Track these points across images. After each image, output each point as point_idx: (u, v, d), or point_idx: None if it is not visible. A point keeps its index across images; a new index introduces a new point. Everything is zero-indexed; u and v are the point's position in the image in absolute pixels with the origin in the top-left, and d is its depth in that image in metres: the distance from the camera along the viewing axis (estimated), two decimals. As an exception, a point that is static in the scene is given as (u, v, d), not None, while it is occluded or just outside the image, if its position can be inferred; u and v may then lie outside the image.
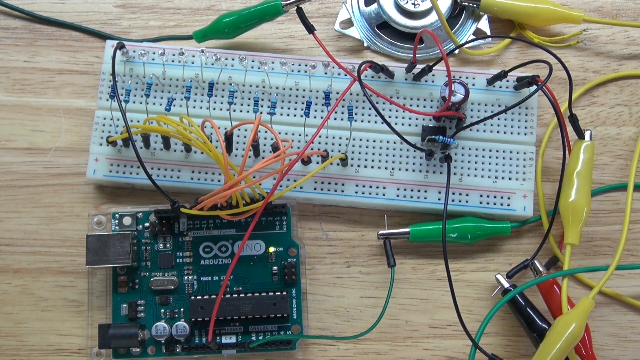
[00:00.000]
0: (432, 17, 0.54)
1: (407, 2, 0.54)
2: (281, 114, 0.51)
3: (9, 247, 0.51)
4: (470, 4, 0.54)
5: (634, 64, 0.55)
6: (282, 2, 0.50)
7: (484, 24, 0.55)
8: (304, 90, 0.51)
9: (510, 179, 0.50)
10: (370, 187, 0.50)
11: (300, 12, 0.49)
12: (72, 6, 0.56)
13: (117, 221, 0.50)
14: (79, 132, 0.53)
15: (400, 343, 0.50)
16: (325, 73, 0.51)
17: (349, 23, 0.55)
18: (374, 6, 0.55)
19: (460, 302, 0.49)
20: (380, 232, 0.49)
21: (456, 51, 0.55)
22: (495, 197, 0.50)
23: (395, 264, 0.48)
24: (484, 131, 0.51)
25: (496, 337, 0.48)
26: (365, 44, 0.55)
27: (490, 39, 0.55)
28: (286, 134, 0.51)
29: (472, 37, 0.55)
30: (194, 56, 0.52)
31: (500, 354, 0.48)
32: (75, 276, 0.50)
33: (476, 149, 0.51)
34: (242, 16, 0.52)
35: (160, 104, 0.51)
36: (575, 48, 0.55)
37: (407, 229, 0.50)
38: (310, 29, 0.49)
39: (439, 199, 0.50)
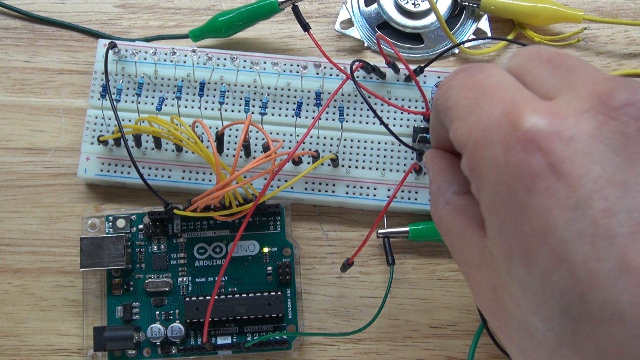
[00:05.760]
0: (432, 17, 0.52)
1: (407, 2, 0.52)
2: (272, 114, 0.49)
3: (9, 247, 0.49)
4: (470, 4, 0.52)
5: (634, 63, 0.53)
6: (278, 0, 0.48)
7: (484, 24, 0.53)
8: (295, 91, 0.50)
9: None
10: (361, 187, 0.48)
11: (295, 10, 0.47)
12: (72, 6, 0.54)
13: (110, 224, 0.48)
14: (79, 132, 0.51)
15: (400, 343, 0.48)
16: (317, 73, 0.50)
17: (349, 23, 0.53)
18: (374, 6, 0.53)
19: (460, 302, 0.48)
20: (380, 231, 0.47)
21: (456, 51, 0.53)
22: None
23: (394, 262, 0.46)
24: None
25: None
26: (366, 44, 0.53)
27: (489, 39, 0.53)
28: (277, 134, 0.49)
29: (473, 36, 0.53)
30: (185, 56, 0.50)
31: (501, 353, 0.46)
32: (75, 276, 0.48)
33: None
34: (238, 14, 0.50)
35: (152, 104, 0.49)
36: (575, 47, 0.53)
37: (407, 228, 0.48)
38: (305, 27, 0.47)
39: (430, 200, 0.48)
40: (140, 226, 0.48)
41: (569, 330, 0.25)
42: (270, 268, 0.47)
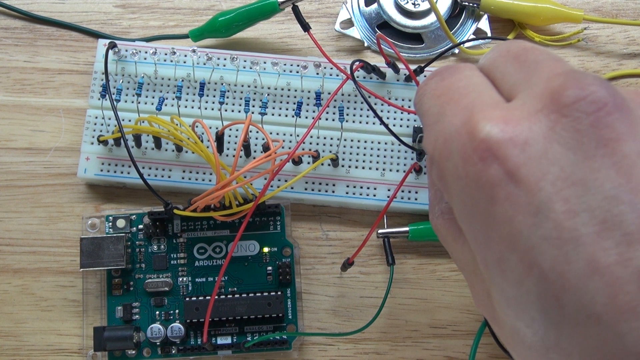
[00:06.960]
0: (432, 17, 0.52)
1: (407, 2, 0.52)
2: (272, 114, 0.49)
3: (9, 247, 0.49)
4: (470, 4, 0.52)
5: (634, 63, 0.52)
6: (278, 0, 0.48)
7: (484, 24, 0.53)
8: (295, 91, 0.49)
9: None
10: (361, 187, 0.48)
11: (295, 10, 0.47)
12: (71, 6, 0.54)
13: (110, 224, 0.48)
14: (79, 132, 0.50)
15: (400, 343, 0.47)
16: (317, 73, 0.49)
17: (349, 23, 0.53)
18: (374, 6, 0.53)
19: (460, 302, 0.47)
20: (380, 231, 0.47)
21: (456, 51, 0.52)
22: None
23: (394, 262, 0.46)
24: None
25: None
26: (366, 44, 0.53)
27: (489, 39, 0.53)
28: (277, 134, 0.49)
29: (473, 36, 0.53)
30: (185, 56, 0.50)
31: (501, 353, 0.46)
32: (75, 276, 0.48)
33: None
34: (238, 14, 0.50)
35: (152, 104, 0.49)
36: (575, 48, 0.53)
37: (407, 228, 0.47)
38: (305, 27, 0.47)
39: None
40: (140, 226, 0.47)
41: (552, 335, 0.25)
42: (270, 268, 0.47)
